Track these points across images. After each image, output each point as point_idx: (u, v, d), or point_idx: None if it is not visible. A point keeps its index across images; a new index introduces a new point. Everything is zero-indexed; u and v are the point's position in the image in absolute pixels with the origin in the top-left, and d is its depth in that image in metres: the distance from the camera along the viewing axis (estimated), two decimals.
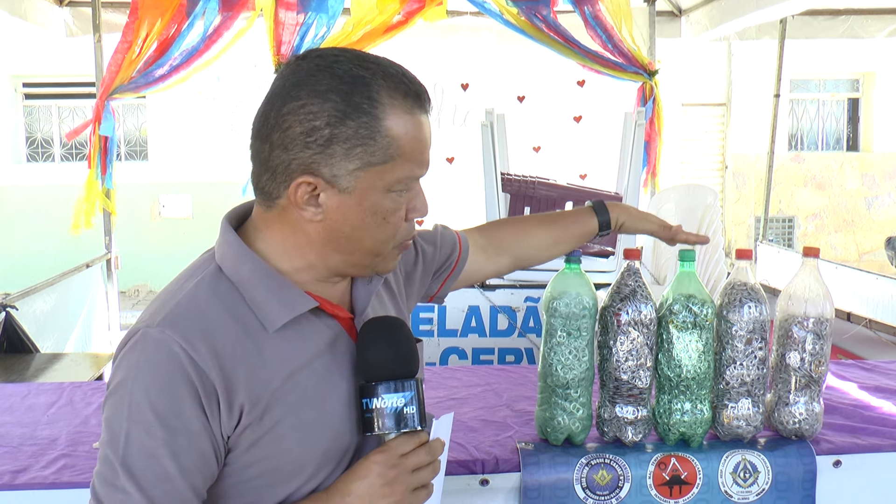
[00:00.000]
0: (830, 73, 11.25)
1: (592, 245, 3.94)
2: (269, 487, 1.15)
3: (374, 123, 1.10)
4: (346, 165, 1.10)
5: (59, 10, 5.26)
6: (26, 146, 10.19)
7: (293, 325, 1.15)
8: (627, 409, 1.67)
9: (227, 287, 1.14)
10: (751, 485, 1.67)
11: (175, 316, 1.09)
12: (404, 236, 1.19)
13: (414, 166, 1.15)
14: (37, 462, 1.68)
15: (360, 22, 4.69)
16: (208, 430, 1.08)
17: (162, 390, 1.06)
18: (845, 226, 11.35)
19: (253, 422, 1.10)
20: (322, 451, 1.16)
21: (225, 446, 1.12)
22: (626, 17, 4.91)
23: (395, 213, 1.16)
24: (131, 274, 9.01)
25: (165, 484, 1.06)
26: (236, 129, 9.36)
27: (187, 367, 1.06)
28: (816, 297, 1.68)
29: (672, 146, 10.01)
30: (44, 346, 4.02)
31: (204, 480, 1.11)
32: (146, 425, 1.06)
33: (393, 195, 1.14)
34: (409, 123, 1.12)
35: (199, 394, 1.07)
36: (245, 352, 1.11)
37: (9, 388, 2.23)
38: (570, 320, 1.65)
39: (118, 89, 4.66)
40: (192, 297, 1.12)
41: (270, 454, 1.13)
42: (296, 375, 1.14)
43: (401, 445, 1.14)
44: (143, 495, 1.05)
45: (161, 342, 1.07)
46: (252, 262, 1.15)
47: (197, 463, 1.08)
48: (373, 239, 1.16)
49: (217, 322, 1.11)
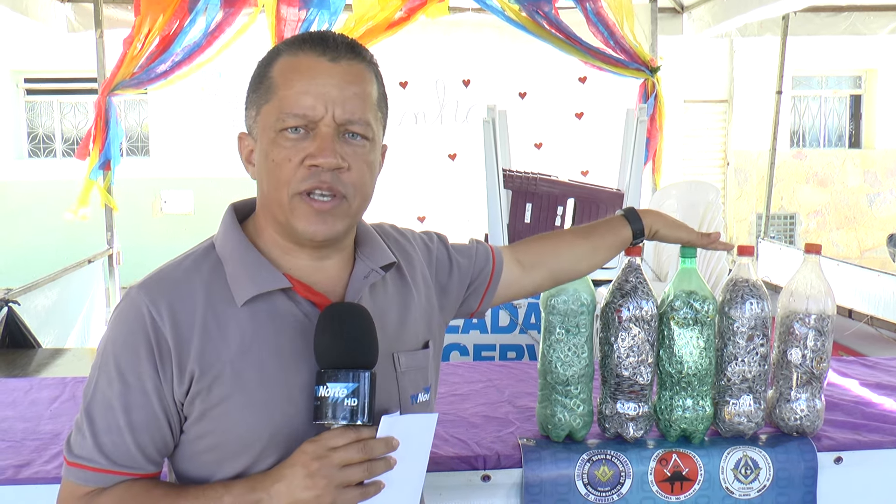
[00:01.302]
0: (832, 69, 11.23)
1: None
2: (217, 464, 1.16)
3: (264, 70, 1.18)
4: (250, 113, 1.20)
5: (61, 5, 5.26)
6: (28, 141, 10.19)
7: (265, 304, 1.16)
8: (629, 405, 1.67)
9: (214, 262, 1.19)
10: (752, 481, 1.67)
11: (153, 281, 1.16)
12: (301, 183, 1.13)
13: (291, 101, 1.13)
14: (39, 457, 1.69)
15: (361, 18, 4.69)
16: (160, 391, 1.12)
17: (125, 346, 1.13)
18: (847, 223, 11.34)
19: (202, 391, 1.13)
20: (269, 434, 1.14)
21: (179, 413, 1.15)
22: (627, 13, 4.91)
23: (284, 157, 1.13)
24: (133, 269, 8.97)
25: (114, 435, 1.12)
26: (238, 125, 9.36)
27: (148, 328, 1.12)
28: (818, 294, 1.68)
29: (674, 143, 10.00)
30: (45, 340, 4.03)
31: (153, 442, 1.14)
32: (108, 376, 1.13)
33: (281, 138, 1.14)
34: (288, 62, 1.16)
35: (155, 354, 1.12)
36: (205, 321, 1.14)
37: (11, 382, 2.23)
38: (568, 317, 1.65)
39: (120, 85, 4.66)
40: (175, 266, 1.18)
41: (217, 428, 1.14)
42: (254, 353, 1.14)
43: (333, 438, 1.08)
44: (94, 442, 1.12)
45: (133, 302, 1.14)
46: (236, 239, 1.20)
47: (147, 422, 1.13)
48: (270, 185, 1.16)
49: (187, 291, 1.15)
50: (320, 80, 1.14)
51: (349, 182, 1.15)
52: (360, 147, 1.16)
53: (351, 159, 1.15)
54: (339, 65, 1.15)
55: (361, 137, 1.17)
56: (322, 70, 1.14)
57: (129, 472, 1.14)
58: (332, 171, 1.14)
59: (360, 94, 1.16)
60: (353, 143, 1.16)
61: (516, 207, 3.88)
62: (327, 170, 1.13)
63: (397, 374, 1.25)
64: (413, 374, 1.28)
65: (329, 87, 1.14)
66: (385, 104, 1.24)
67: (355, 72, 1.16)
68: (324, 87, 1.13)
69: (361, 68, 1.17)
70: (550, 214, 3.89)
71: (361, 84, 1.17)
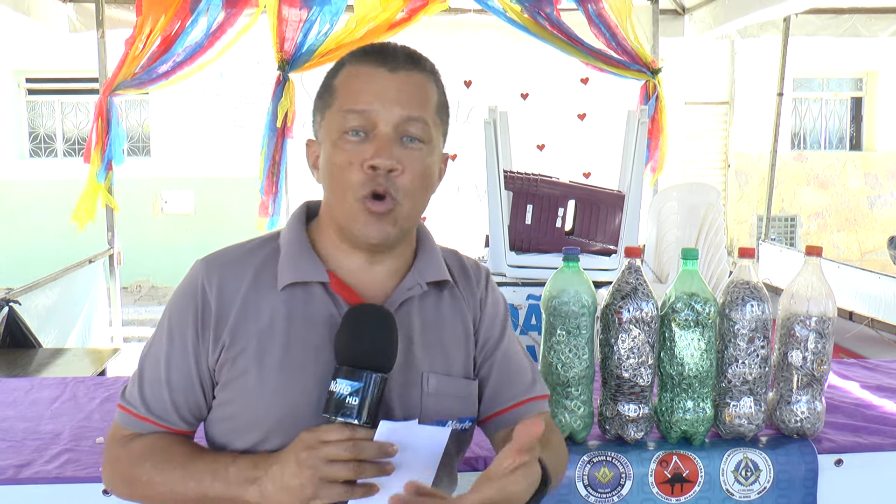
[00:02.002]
0: (834, 71, 11.23)
1: (595, 243, 3.94)
2: (233, 433, 1.23)
3: (329, 80, 1.26)
4: (316, 119, 1.27)
5: (63, 5, 5.26)
6: (29, 141, 10.20)
7: (303, 294, 1.23)
8: (629, 406, 1.67)
9: (273, 249, 1.27)
10: (752, 483, 1.67)
11: (214, 256, 1.28)
12: (360, 188, 1.18)
13: (351, 99, 1.19)
14: (40, 456, 1.69)
15: (363, 19, 4.69)
16: (198, 354, 1.22)
17: (178, 309, 1.24)
18: (848, 225, 11.34)
19: (228, 361, 1.21)
20: (276, 417, 1.18)
21: (212, 378, 1.23)
22: (629, 14, 4.91)
23: (345, 160, 1.19)
24: (133, 269, 9.02)
25: (155, 387, 1.24)
26: (239, 126, 9.37)
27: (198, 296, 1.22)
28: (819, 296, 1.68)
29: (675, 144, 9.98)
30: (45, 340, 4.03)
31: (186, 401, 1.23)
32: (161, 334, 1.25)
33: (342, 141, 1.20)
34: (349, 72, 1.23)
35: (199, 320, 1.22)
36: (246, 298, 1.22)
37: (12, 382, 2.24)
38: (569, 319, 1.65)
39: (121, 85, 4.66)
40: (237, 247, 1.29)
41: (234, 399, 1.21)
42: (279, 336, 1.20)
43: (327, 432, 1.10)
44: (139, 391, 1.25)
45: (193, 272, 1.26)
46: (296, 231, 1.28)
47: (183, 381, 1.23)
48: (333, 188, 1.22)
49: (239, 269, 1.24)
50: (379, 85, 1.20)
51: (401, 186, 1.20)
52: (416, 150, 1.21)
53: (406, 163, 1.19)
54: (397, 74, 1.21)
55: (419, 141, 1.21)
56: (381, 78, 1.20)
57: (163, 425, 1.24)
58: (387, 175, 1.18)
59: (417, 99, 1.21)
60: (409, 147, 1.20)
61: (517, 208, 3.88)
62: (383, 171, 1.18)
63: (423, 395, 1.24)
64: (445, 400, 1.26)
65: (387, 91, 1.20)
66: (446, 112, 1.28)
67: (414, 80, 1.22)
68: (382, 91, 1.20)
69: (420, 77, 1.23)
70: (551, 216, 3.89)
71: (419, 91, 1.22)
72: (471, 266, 1.38)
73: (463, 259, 1.39)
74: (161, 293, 9.68)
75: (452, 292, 1.32)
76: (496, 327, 1.36)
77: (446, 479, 1.29)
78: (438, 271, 1.30)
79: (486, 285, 1.38)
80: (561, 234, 3.90)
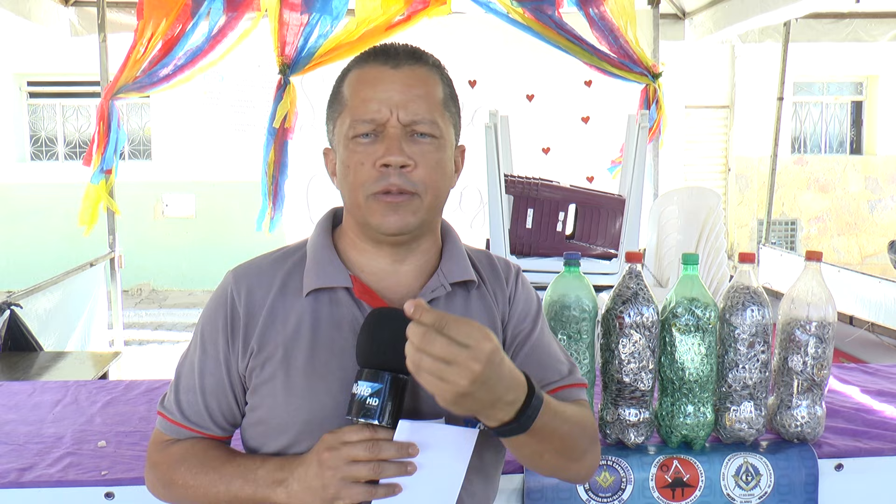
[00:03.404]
0: (834, 76, 11.25)
1: (595, 247, 3.94)
2: (263, 437, 1.25)
3: (337, 87, 1.27)
4: (329, 127, 1.28)
5: (65, 9, 5.27)
6: (30, 144, 10.21)
7: (328, 299, 1.25)
8: (630, 411, 1.67)
9: (300, 256, 1.30)
10: (753, 488, 1.68)
11: (244, 266, 1.31)
12: (374, 185, 1.20)
13: (359, 109, 1.20)
14: (42, 460, 1.69)
15: (364, 22, 4.69)
16: (229, 362, 1.25)
17: (209, 318, 1.28)
18: (848, 229, 11.34)
19: (256, 367, 1.23)
20: (303, 420, 1.21)
21: (243, 384, 1.26)
22: (630, 18, 4.91)
23: (357, 161, 1.20)
24: (134, 273, 9.03)
25: (190, 394, 1.28)
26: (240, 129, 9.37)
27: (228, 305, 1.26)
28: (819, 301, 1.69)
29: (675, 148, 10.01)
30: (47, 344, 4.03)
31: (220, 407, 1.27)
32: (195, 343, 1.29)
33: (353, 144, 1.21)
34: (355, 76, 1.24)
35: (229, 328, 1.25)
36: (273, 305, 1.25)
37: (14, 386, 2.24)
38: (570, 323, 1.66)
39: (122, 89, 4.67)
40: (266, 256, 1.32)
41: (263, 404, 1.24)
42: (305, 341, 1.22)
43: (348, 433, 1.12)
44: (176, 398, 1.29)
45: (225, 282, 1.29)
46: (322, 237, 1.31)
47: (215, 387, 1.26)
48: (348, 190, 1.23)
49: (268, 277, 1.27)
50: (384, 86, 1.21)
51: (418, 180, 1.20)
52: (427, 145, 1.21)
53: (418, 157, 1.20)
54: (400, 71, 1.21)
55: (429, 136, 1.21)
56: (385, 77, 1.21)
57: (198, 430, 1.28)
58: (400, 172, 1.19)
59: (423, 95, 1.21)
60: (420, 143, 1.21)
61: (518, 213, 3.89)
62: (396, 169, 1.19)
63: None
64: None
65: (392, 91, 1.20)
66: (454, 104, 1.28)
67: (417, 75, 1.22)
68: (387, 93, 1.20)
69: (423, 71, 1.23)
70: (552, 220, 3.89)
71: (424, 86, 1.22)
72: (500, 264, 1.38)
73: (493, 258, 1.39)
74: (162, 296, 9.69)
75: (480, 291, 1.32)
76: (527, 322, 1.34)
77: (480, 483, 1.27)
78: (464, 271, 1.30)
79: (517, 281, 1.37)
80: (561, 239, 3.90)
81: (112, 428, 1.88)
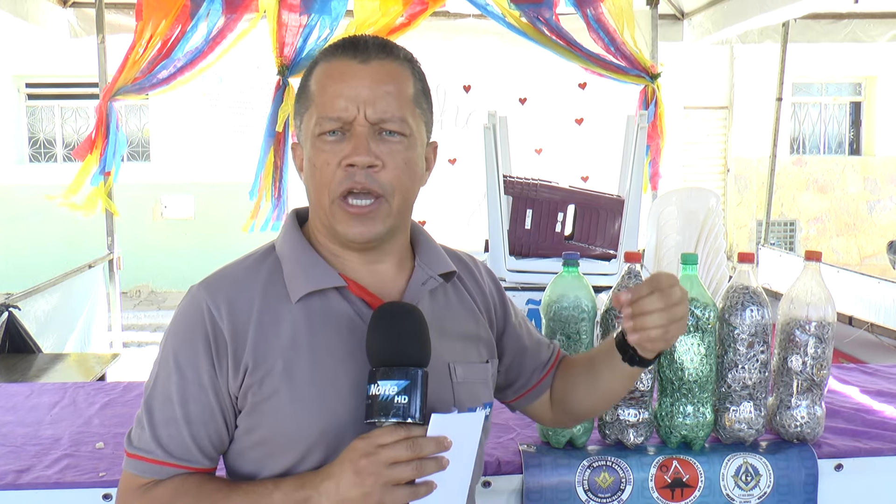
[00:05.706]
0: (833, 76, 11.25)
1: (594, 248, 3.94)
2: (266, 458, 1.17)
3: (305, 81, 1.22)
4: (297, 123, 1.23)
5: (63, 10, 5.27)
6: (29, 146, 10.20)
7: (320, 303, 1.19)
8: (629, 411, 1.67)
9: (273, 262, 1.23)
10: (752, 488, 1.67)
11: (213, 279, 1.21)
12: (339, 186, 1.16)
13: (325, 105, 1.16)
14: (40, 462, 1.69)
15: (363, 24, 4.70)
16: (216, 385, 1.15)
17: (184, 340, 1.16)
18: (847, 229, 11.35)
19: (254, 384, 1.15)
20: (318, 431, 1.14)
21: (234, 407, 1.17)
22: (628, 19, 4.91)
23: (324, 161, 1.16)
24: (133, 274, 9.02)
25: (172, 427, 1.15)
26: (239, 131, 9.37)
27: (207, 323, 1.15)
28: (818, 301, 1.68)
29: (674, 149, 10.00)
30: (45, 345, 4.03)
31: (208, 435, 1.16)
32: (168, 370, 1.17)
33: (320, 142, 1.17)
34: (322, 70, 1.19)
35: (212, 348, 1.15)
36: (261, 316, 1.17)
37: (12, 387, 2.23)
38: (569, 323, 1.66)
39: (121, 90, 4.67)
40: (236, 265, 1.23)
41: (266, 422, 1.15)
42: (305, 349, 1.16)
43: (382, 436, 1.06)
44: (153, 434, 1.15)
45: (194, 298, 1.18)
46: (295, 239, 1.24)
47: (202, 414, 1.15)
48: (313, 189, 1.19)
49: (246, 287, 1.19)
50: (352, 82, 1.16)
51: (385, 181, 1.17)
52: (396, 144, 1.17)
53: (386, 157, 1.16)
54: (369, 65, 1.16)
55: (398, 135, 1.17)
56: (353, 72, 1.16)
57: (185, 465, 1.16)
58: (367, 171, 1.15)
59: (392, 91, 1.17)
60: (389, 141, 1.17)
61: (516, 213, 3.89)
62: (362, 169, 1.15)
63: (453, 385, 1.23)
64: (472, 388, 1.26)
65: (360, 87, 1.15)
66: (426, 100, 1.24)
67: (387, 70, 1.17)
68: (355, 89, 1.15)
69: (393, 66, 1.18)
70: (551, 220, 3.89)
71: (394, 82, 1.17)
72: (465, 256, 1.40)
73: (457, 252, 1.40)
74: (160, 298, 9.68)
75: (454, 283, 1.32)
76: (506, 305, 1.41)
77: (477, 465, 1.27)
78: (445, 263, 1.30)
79: (484, 271, 1.41)
80: (560, 239, 3.90)
81: (110, 429, 1.88)
